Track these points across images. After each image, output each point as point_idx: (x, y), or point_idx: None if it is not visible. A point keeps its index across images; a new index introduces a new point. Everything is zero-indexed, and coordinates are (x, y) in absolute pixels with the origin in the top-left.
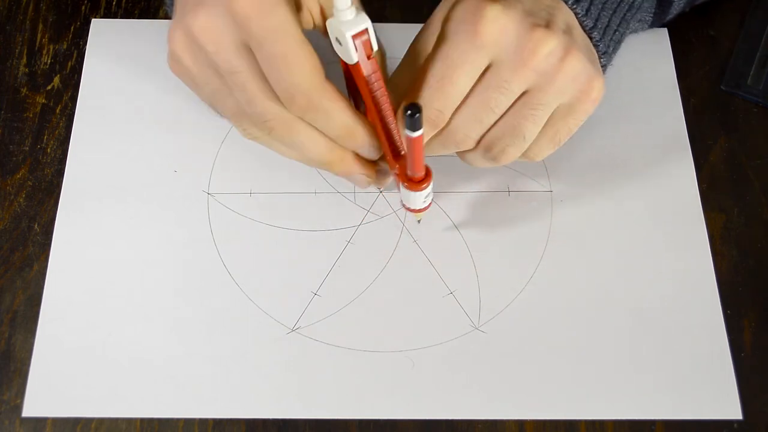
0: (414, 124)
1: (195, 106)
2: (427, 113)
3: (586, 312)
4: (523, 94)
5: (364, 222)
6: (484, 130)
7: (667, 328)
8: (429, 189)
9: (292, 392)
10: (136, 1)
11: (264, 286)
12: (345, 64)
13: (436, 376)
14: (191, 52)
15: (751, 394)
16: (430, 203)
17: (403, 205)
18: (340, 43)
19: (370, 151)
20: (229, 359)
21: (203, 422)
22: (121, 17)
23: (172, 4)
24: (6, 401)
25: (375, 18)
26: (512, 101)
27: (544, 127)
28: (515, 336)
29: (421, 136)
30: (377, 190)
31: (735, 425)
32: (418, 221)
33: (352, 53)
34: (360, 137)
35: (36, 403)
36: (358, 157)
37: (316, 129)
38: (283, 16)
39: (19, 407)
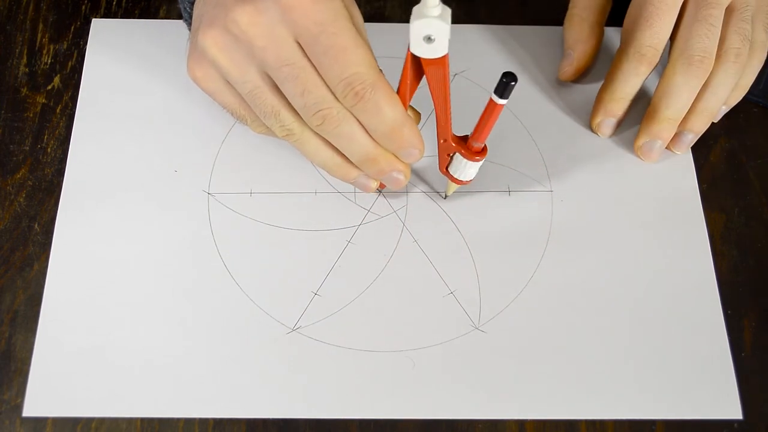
0: (506, 91)
1: (195, 106)
2: (642, 51)
3: (586, 312)
4: (730, 10)
5: (364, 222)
6: (714, 45)
7: (667, 328)
8: (481, 162)
9: (293, 392)
10: (136, 1)
11: (264, 286)
12: (415, 61)
13: (436, 376)
14: (230, 51)
15: (751, 394)
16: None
17: (449, 176)
18: (431, 40)
19: (411, 153)
20: (229, 359)
21: (203, 422)
22: (121, 17)
23: (189, 12)
24: (6, 401)
25: (375, 17)
26: (722, 14)
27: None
28: (515, 336)
29: (503, 105)
30: (377, 191)
31: (735, 425)
32: (445, 197)
33: (446, 44)
34: (407, 136)
35: (36, 403)
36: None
37: (327, 142)
38: (338, 8)
39: (19, 407)
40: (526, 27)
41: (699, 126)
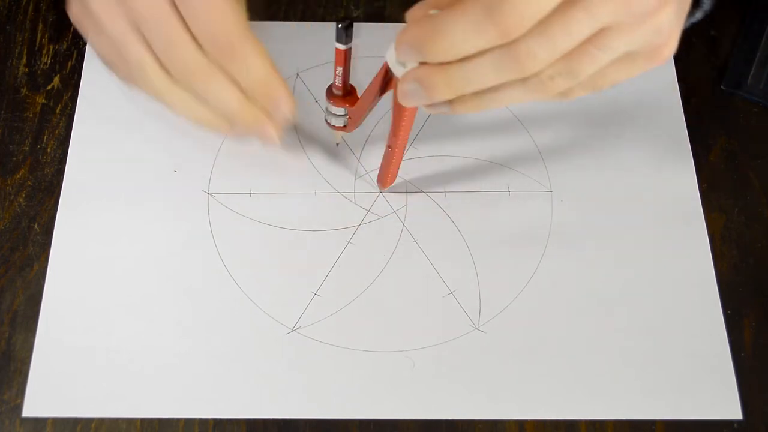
0: (342, 36)
1: None
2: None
3: (585, 312)
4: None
5: (364, 222)
6: (554, 56)
7: (667, 328)
8: (344, 111)
9: (293, 392)
10: None
11: (264, 286)
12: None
13: (436, 376)
14: None
15: (751, 394)
16: (345, 126)
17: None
18: (404, 66)
19: (280, 107)
20: (229, 359)
21: (203, 422)
22: None
23: None
24: (6, 401)
25: (375, 17)
26: (590, 33)
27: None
28: (515, 336)
29: (349, 49)
30: (377, 191)
31: (735, 425)
32: (337, 144)
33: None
34: (274, 88)
35: (36, 403)
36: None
37: (232, 80)
38: None
39: (19, 407)
40: None
41: None
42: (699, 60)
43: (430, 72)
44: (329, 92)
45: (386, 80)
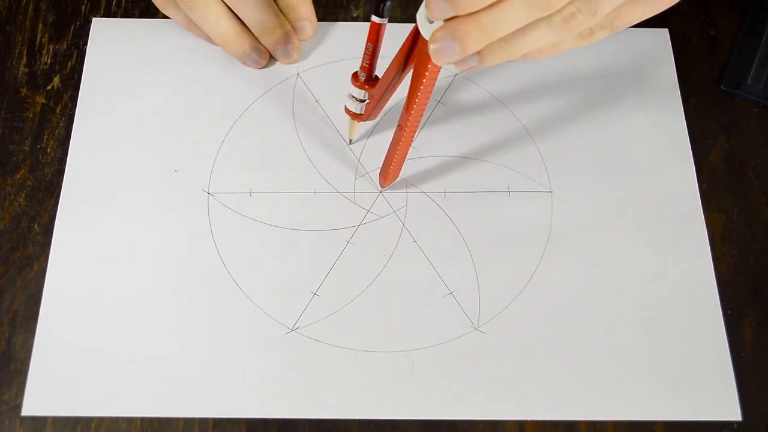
0: (381, 10)
1: (195, 105)
2: None
3: (585, 312)
4: None
5: (364, 222)
6: None
7: (667, 329)
8: (364, 96)
9: (293, 392)
10: (136, 1)
11: (264, 286)
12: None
13: (436, 376)
14: None
15: (751, 394)
16: (362, 113)
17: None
18: (431, 22)
19: (305, 27)
20: (228, 359)
21: (203, 422)
22: (121, 17)
23: None
24: (6, 401)
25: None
26: None
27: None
28: (515, 336)
29: (382, 26)
30: (377, 191)
31: (735, 425)
32: (350, 141)
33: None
34: (305, 6)
35: (36, 402)
36: (253, 38)
37: (228, 11)
38: None
39: (19, 407)
40: None
41: None
42: (699, 60)
43: (461, 22)
44: (354, 75)
45: (411, 48)
